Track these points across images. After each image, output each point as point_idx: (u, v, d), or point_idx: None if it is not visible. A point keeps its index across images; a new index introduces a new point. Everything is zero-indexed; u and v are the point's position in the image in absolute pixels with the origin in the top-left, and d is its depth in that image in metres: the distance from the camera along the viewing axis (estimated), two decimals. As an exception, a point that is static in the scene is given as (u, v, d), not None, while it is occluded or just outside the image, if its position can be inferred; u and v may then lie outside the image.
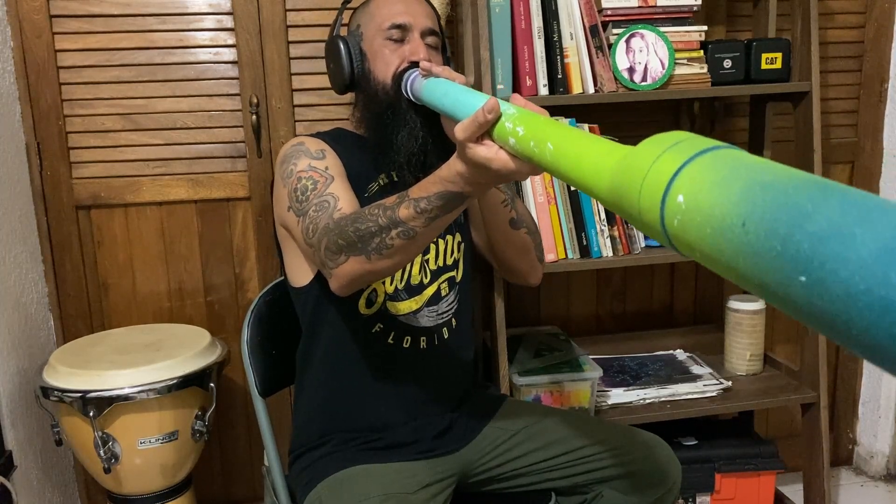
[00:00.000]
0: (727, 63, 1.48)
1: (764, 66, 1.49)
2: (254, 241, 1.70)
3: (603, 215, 1.48)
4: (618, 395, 1.55)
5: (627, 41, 1.43)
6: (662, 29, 1.44)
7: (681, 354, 1.78)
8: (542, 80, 1.43)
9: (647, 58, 1.43)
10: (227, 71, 1.63)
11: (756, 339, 1.67)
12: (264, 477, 1.28)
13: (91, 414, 1.32)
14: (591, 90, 1.45)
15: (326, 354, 1.17)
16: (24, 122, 1.57)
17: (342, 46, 1.16)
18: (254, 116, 1.62)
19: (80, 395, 1.32)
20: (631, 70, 1.44)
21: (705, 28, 1.49)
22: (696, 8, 1.47)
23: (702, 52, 1.48)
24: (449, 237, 1.21)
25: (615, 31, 1.44)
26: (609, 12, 1.44)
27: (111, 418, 1.35)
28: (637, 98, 1.45)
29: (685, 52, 1.47)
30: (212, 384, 1.44)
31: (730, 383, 1.60)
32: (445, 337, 1.20)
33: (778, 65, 1.50)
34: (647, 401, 1.55)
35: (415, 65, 1.09)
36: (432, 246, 1.19)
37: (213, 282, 1.71)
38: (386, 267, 0.93)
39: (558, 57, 1.43)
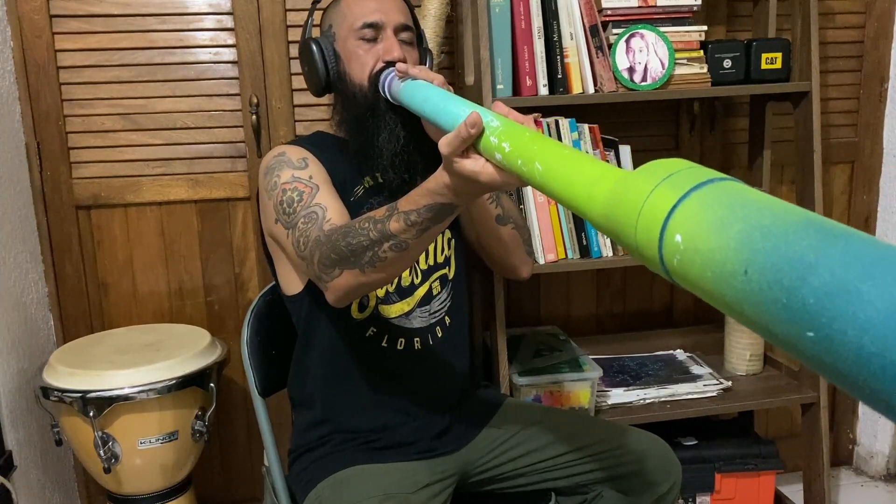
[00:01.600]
0: (727, 63, 1.48)
1: (764, 66, 1.49)
2: (254, 241, 1.70)
3: (603, 215, 1.48)
4: (618, 395, 1.55)
5: (627, 41, 1.43)
6: (662, 29, 1.44)
7: (681, 354, 1.78)
8: (542, 80, 1.43)
9: (647, 58, 1.43)
10: (227, 71, 1.63)
11: (756, 339, 1.67)
12: (264, 477, 1.28)
13: (91, 414, 1.32)
14: (591, 90, 1.45)
15: (322, 359, 1.17)
16: (24, 122, 1.57)
17: (315, 49, 1.13)
18: (254, 116, 1.62)
19: (80, 395, 1.32)
20: (631, 70, 1.44)
21: (705, 28, 1.49)
22: (696, 8, 1.47)
23: (702, 52, 1.48)
24: (438, 235, 1.20)
25: (615, 31, 1.44)
26: (609, 12, 1.44)
27: (111, 418, 1.35)
28: (637, 98, 1.45)
29: (685, 52, 1.47)
30: (212, 384, 1.44)
31: (730, 383, 1.60)
32: (439, 336, 1.19)
33: (778, 65, 1.50)
34: (647, 401, 1.55)
35: (391, 64, 1.07)
36: None
37: (213, 282, 1.71)
38: (380, 279, 0.92)
39: (558, 57, 1.43)
